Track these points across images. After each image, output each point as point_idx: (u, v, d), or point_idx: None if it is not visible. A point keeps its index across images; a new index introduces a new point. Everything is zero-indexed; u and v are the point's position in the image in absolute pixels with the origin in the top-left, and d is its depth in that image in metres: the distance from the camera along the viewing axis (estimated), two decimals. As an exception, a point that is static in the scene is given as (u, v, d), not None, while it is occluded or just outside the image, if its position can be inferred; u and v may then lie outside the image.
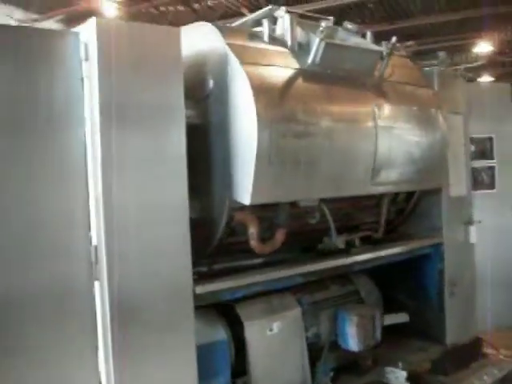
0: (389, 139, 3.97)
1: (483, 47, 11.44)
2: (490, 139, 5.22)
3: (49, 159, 2.87)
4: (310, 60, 3.68)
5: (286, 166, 3.42)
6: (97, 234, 2.91)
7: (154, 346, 3.04)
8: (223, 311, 3.75)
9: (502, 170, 5.28)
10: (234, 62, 3.34)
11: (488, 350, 5.41)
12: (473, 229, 4.95)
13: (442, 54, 4.92)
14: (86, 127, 2.93)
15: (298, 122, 3.44)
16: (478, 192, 5.18)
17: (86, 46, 2.92)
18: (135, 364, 2.97)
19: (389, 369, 4.21)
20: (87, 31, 2.92)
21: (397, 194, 4.65)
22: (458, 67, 10.09)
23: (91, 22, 2.89)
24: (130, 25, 3.15)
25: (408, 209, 4.79)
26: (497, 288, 5.34)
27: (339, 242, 4.02)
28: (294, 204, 3.70)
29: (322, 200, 3.86)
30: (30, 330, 2.77)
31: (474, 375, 4.67)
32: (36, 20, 8.56)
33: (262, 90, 3.30)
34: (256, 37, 3.69)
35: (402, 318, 4.39)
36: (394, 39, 4.07)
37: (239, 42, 3.51)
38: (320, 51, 3.68)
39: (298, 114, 3.45)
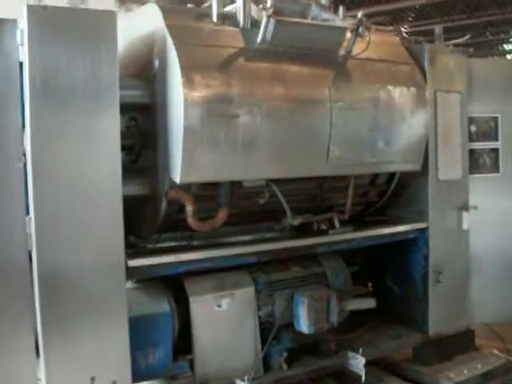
0: (347, 120, 3.84)
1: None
2: (495, 119, 4.84)
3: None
4: (259, 39, 3.64)
5: (220, 146, 3.43)
6: (29, 206, 3.13)
7: (86, 317, 3.21)
8: (176, 286, 3.88)
9: (508, 152, 4.89)
10: (169, 43, 3.40)
11: (492, 343, 5.15)
12: (466, 215, 4.67)
13: (437, 29, 4.61)
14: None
15: (233, 103, 3.43)
16: (480, 176, 4.84)
17: (22, 32, 3.11)
18: (65, 334, 3.15)
19: (351, 354, 4.14)
20: (23, 18, 3.10)
21: (376, 176, 4.49)
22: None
23: (24, 10, 3.07)
24: (63, 10, 3.26)
25: (389, 191, 4.61)
26: (504, 277, 5.02)
27: (295, 222, 3.99)
28: (240, 184, 3.73)
29: (278, 181, 3.85)
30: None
31: (453, 368, 4.46)
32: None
33: (192, 71, 3.33)
34: (205, 16, 3.69)
35: (368, 303, 4.25)
36: (360, 14, 3.91)
37: (181, 22, 3.54)
38: (270, 29, 3.62)
39: (233, 95, 3.44)
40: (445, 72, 4.55)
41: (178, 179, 3.40)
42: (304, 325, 3.91)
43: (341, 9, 4.12)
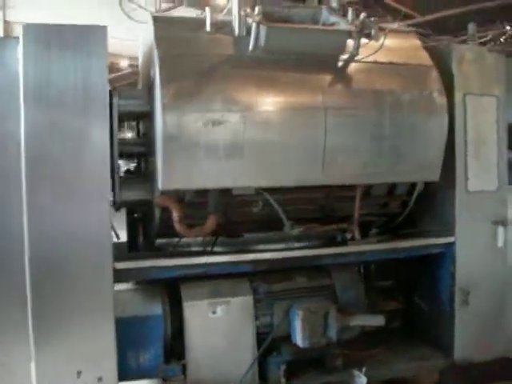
0: (345, 127, 3.67)
1: None
2: (540, 125, 4.33)
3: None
4: (250, 46, 3.61)
5: (202, 154, 3.46)
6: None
7: (74, 313, 3.41)
8: (174, 290, 3.95)
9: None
10: (155, 54, 3.50)
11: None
12: (502, 230, 4.22)
13: (470, 27, 4.23)
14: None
15: (215, 111, 3.44)
16: (523, 188, 4.36)
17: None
18: (54, 328, 3.37)
19: (356, 372, 3.93)
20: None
21: (393, 187, 4.22)
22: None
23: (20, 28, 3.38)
24: (54, 27, 3.44)
25: (411, 202, 4.30)
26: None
27: (294, 232, 3.87)
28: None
29: (275, 189, 3.78)
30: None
31: (477, 398, 4.07)
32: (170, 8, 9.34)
33: (173, 80, 3.41)
34: (201, 26, 3.73)
35: (375, 320, 3.98)
36: (362, 15, 3.73)
37: (171, 33, 3.63)
38: (263, 36, 3.59)
39: (215, 103, 3.46)
40: (477, 74, 4.18)
41: (160, 186, 3.48)
42: (299, 338, 3.78)
43: (350, 11, 3.95)
